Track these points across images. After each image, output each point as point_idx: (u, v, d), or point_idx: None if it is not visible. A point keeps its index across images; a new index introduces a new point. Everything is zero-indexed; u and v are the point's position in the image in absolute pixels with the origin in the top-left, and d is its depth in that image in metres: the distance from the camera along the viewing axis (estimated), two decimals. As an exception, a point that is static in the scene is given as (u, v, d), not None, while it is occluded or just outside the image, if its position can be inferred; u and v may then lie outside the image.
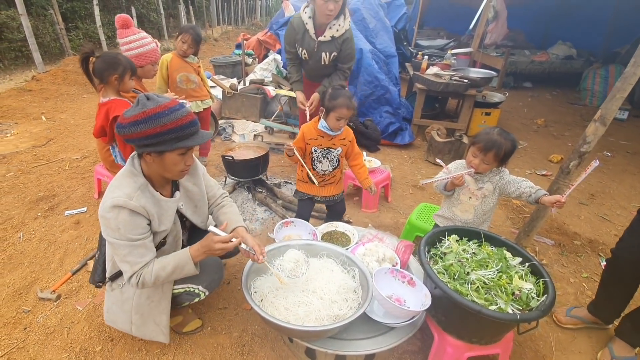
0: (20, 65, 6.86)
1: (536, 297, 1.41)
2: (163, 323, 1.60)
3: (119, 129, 1.28)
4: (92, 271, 1.67)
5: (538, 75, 7.39)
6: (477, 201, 1.83)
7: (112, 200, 1.29)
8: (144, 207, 1.33)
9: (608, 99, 2.02)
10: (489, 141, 1.67)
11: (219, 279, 1.73)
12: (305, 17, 2.61)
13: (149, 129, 1.24)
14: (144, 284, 1.37)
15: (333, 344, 1.48)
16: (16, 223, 2.52)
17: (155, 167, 1.37)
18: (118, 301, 1.57)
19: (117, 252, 1.35)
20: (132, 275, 1.35)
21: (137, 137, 1.26)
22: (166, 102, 1.29)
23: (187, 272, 1.42)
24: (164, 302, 1.58)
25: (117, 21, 2.32)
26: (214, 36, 12.32)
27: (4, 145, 3.71)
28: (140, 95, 1.30)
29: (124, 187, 1.33)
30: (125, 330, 1.62)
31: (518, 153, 4.36)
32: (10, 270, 2.12)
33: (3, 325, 1.79)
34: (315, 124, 2.08)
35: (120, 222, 1.30)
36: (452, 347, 1.52)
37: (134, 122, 1.24)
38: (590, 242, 2.72)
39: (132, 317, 1.57)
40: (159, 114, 1.25)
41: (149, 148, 1.30)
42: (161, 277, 1.37)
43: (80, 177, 3.15)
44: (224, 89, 4.48)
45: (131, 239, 1.32)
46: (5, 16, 6.69)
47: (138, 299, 1.54)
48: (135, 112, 1.25)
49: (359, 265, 1.67)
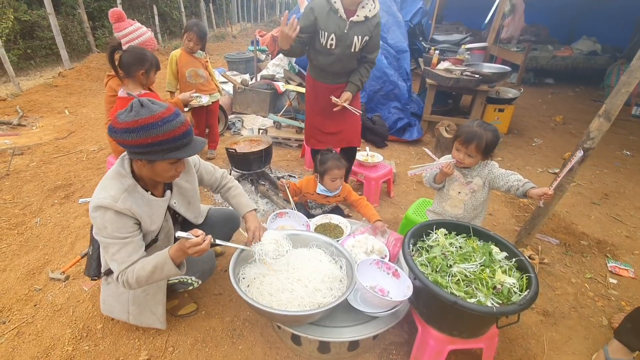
0: (50, 63, 7.26)
1: (518, 292, 1.39)
2: (159, 312, 1.69)
3: (112, 132, 1.24)
4: (86, 266, 1.69)
5: (560, 71, 7.10)
6: (466, 196, 1.82)
7: (97, 201, 1.30)
8: (129, 209, 1.33)
9: (613, 93, 1.94)
10: (469, 133, 1.66)
11: (210, 269, 1.79)
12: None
13: (140, 139, 1.20)
14: (128, 284, 1.35)
15: (316, 331, 1.52)
16: (34, 209, 2.70)
17: (145, 171, 1.37)
18: (114, 294, 1.64)
19: (107, 251, 1.34)
20: (118, 274, 1.35)
21: (127, 144, 1.23)
22: (160, 111, 1.23)
23: (167, 273, 1.36)
24: (160, 294, 1.66)
25: (112, 16, 2.43)
26: (232, 33, 12.54)
27: (30, 137, 3.95)
28: (135, 100, 1.25)
29: (110, 188, 1.33)
30: (123, 319, 1.70)
31: (531, 151, 4.23)
32: (26, 252, 2.28)
33: (16, 301, 1.93)
34: (314, 181, 2.18)
35: (107, 221, 1.30)
36: (434, 340, 1.53)
37: (126, 129, 1.20)
38: (598, 243, 2.62)
39: (129, 308, 1.65)
40: (151, 125, 1.20)
41: (139, 155, 1.28)
42: (142, 277, 1.34)
43: (96, 168, 3.32)
44: (234, 84, 4.58)
45: (119, 237, 1.32)
46: (36, 15, 7.09)
47: (134, 292, 1.59)
48: (128, 119, 1.20)
49: (345, 256, 1.70)
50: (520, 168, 3.81)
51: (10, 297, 1.95)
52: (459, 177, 1.82)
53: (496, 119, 4.45)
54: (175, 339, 1.77)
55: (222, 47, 10.35)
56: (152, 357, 1.68)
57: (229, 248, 2.25)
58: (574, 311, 2.05)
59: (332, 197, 2.19)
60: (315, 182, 2.17)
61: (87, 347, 1.71)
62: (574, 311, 2.05)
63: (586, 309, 2.07)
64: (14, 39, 6.64)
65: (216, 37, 11.87)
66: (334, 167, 2.04)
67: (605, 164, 3.93)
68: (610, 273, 2.35)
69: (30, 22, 6.96)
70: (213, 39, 11.53)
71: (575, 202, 3.19)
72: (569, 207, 3.08)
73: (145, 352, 1.69)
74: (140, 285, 1.37)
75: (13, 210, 2.66)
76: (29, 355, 1.66)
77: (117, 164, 1.40)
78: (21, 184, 3.00)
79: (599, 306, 2.09)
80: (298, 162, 3.75)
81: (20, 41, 6.78)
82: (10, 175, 3.11)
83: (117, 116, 1.25)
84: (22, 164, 3.32)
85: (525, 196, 1.65)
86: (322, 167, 2.08)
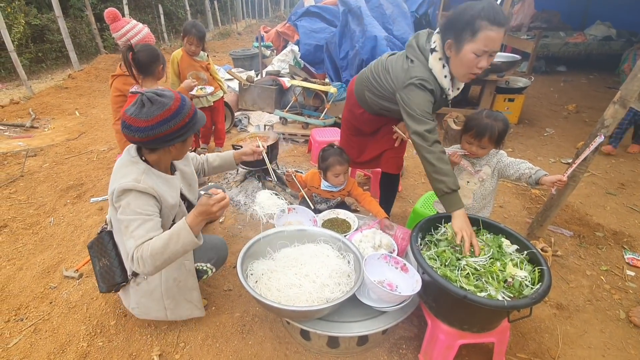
0: (60, 65, 7.39)
1: (530, 285, 1.36)
2: (195, 299, 1.71)
3: (141, 132, 1.29)
4: (103, 281, 1.64)
5: (573, 58, 6.90)
6: (475, 185, 1.79)
7: (121, 185, 1.33)
8: (151, 187, 1.38)
9: (629, 79, 1.88)
10: (480, 126, 1.63)
11: (224, 256, 1.86)
12: (447, 81, 1.64)
13: (179, 123, 1.33)
14: (142, 258, 1.28)
15: (325, 326, 1.52)
16: (48, 209, 2.76)
17: (161, 156, 1.45)
18: (146, 293, 1.61)
19: (127, 229, 1.33)
20: (134, 251, 1.29)
21: (166, 134, 1.32)
22: (172, 102, 1.33)
23: (184, 241, 1.30)
24: (191, 279, 1.66)
25: (108, 17, 2.45)
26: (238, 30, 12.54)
27: (42, 139, 4.03)
28: (142, 96, 1.32)
29: (129, 174, 1.38)
30: (160, 317, 1.69)
31: (542, 141, 4.13)
32: (41, 251, 2.34)
33: (33, 299, 1.98)
34: (320, 176, 2.16)
35: (131, 199, 1.34)
36: (444, 334, 1.51)
37: (163, 120, 1.29)
38: (614, 234, 2.55)
39: (164, 303, 1.63)
40: (169, 118, 1.31)
41: (162, 144, 1.36)
42: (157, 248, 1.27)
43: (106, 167, 3.37)
44: (240, 81, 4.58)
45: (141, 214, 1.34)
46: (46, 19, 7.20)
47: (166, 284, 1.59)
48: (159, 111, 1.29)
49: (353, 251, 1.69)
50: (531, 159, 3.72)
51: (27, 295, 2.00)
52: (468, 166, 1.79)
53: (506, 109, 4.35)
54: (186, 335, 1.79)
55: (228, 45, 10.36)
56: (164, 352, 1.70)
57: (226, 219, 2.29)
58: (590, 304, 2.01)
59: (336, 191, 2.17)
60: (320, 177, 2.17)
61: (101, 343, 1.75)
62: (590, 304, 2.01)
63: (602, 302, 2.02)
64: (26, 43, 6.76)
65: (221, 34, 11.88)
66: (336, 163, 2.01)
67: (621, 153, 3.81)
68: (627, 265, 2.29)
69: (40, 26, 7.08)
70: (218, 37, 11.55)
71: (590, 192, 3.11)
72: (583, 198, 3.00)
73: (157, 347, 1.72)
74: (155, 261, 1.28)
75: (28, 211, 2.72)
76: (46, 351, 1.70)
77: (126, 154, 1.46)
78: (35, 184, 3.07)
79: (615, 299, 2.04)
80: (305, 157, 3.74)
81: (32, 45, 6.91)
82: (24, 176, 3.19)
83: (130, 115, 1.31)
84: (36, 165, 3.39)
85: (537, 184, 1.63)
86: (324, 164, 2.05)
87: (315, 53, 5.54)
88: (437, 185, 1.58)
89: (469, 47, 1.47)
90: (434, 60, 1.60)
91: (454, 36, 1.51)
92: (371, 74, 1.87)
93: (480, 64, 1.50)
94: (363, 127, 2.16)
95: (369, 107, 1.99)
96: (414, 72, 1.62)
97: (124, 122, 1.33)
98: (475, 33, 1.44)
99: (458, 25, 1.47)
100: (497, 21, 1.42)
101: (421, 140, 1.60)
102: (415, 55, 1.65)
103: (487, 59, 1.50)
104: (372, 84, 1.86)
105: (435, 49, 1.60)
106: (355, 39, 4.51)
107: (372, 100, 1.92)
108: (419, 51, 1.65)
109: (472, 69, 1.53)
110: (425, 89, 1.60)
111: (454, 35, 1.50)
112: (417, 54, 1.65)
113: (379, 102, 1.89)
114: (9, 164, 3.40)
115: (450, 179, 1.55)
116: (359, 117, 2.09)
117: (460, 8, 1.49)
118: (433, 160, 1.57)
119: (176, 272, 1.61)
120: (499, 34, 1.43)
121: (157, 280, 1.59)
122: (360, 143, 2.24)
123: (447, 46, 1.55)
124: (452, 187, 1.54)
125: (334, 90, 3.95)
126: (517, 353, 1.72)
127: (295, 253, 1.74)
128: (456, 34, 1.49)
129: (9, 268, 2.19)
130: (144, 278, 1.59)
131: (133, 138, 1.34)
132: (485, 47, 1.45)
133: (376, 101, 1.90)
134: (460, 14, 1.47)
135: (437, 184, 1.57)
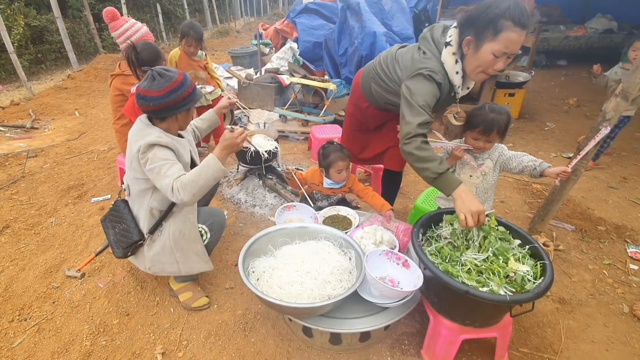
0: (60, 66, 7.37)
1: (532, 279, 1.36)
2: (201, 251, 1.83)
3: (154, 100, 1.51)
4: (118, 246, 1.77)
5: (574, 52, 6.86)
6: (477, 179, 1.79)
7: (146, 140, 1.52)
8: (171, 142, 1.59)
9: (631, 71, 1.86)
10: (487, 122, 1.63)
11: (220, 223, 1.99)
12: (458, 77, 1.59)
13: (184, 93, 1.56)
14: (181, 186, 1.48)
15: (327, 322, 1.52)
16: (49, 209, 2.76)
17: (170, 124, 1.64)
18: (159, 248, 1.75)
19: (160, 173, 1.52)
20: (172, 182, 1.49)
21: (175, 102, 1.55)
22: (177, 76, 1.56)
23: (214, 168, 1.52)
24: (194, 231, 1.79)
25: (106, 15, 2.44)
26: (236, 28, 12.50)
27: (43, 139, 4.04)
28: (152, 72, 1.53)
29: (151, 134, 1.57)
30: (174, 272, 1.81)
31: (543, 135, 4.12)
32: (43, 251, 2.34)
33: (36, 299, 1.99)
34: (320, 173, 2.15)
35: (156, 151, 1.54)
36: (446, 329, 1.51)
37: (172, 90, 1.52)
38: (616, 228, 2.55)
39: (175, 257, 1.76)
40: (177, 87, 1.54)
41: (173, 112, 1.57)
42: (193, 176, 1.49)
43: (106, 167, 3.37)
44: (239, 80, 4.57)
45: (168, 159, 1.55)
46: (45, 20, 7.19)
47: (173, 236, 1.73)
48: (168, 83, 1.51)
49: (354, 247, 1.69)
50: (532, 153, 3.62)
51: (30, 295, 2.01)
52: (470, 160, 1.79)
53: (506, 104, 4.33)
54: (188, 333, 1.80)
55: (226, 43, 10.32)
56: (167, 350, 1.71)
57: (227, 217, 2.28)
58: (592, 298, 2.00)
59: (338, 188, 2.17)
60: (321, 174, 2.16)
61: (104, 342, 1.75)
62: (592, 298, 2.00)
63: (605, 296, 2.02)
64: (25, 45, 6.75)
65: (220, 32, 11.84)
66: (338, 159, 2.02)
67: (623, 146, 3.79)
68: (630, 259, 2.28)
69: (39, 27, 7.06)
70: (217, 35, 11.51)
71: (591, 186, 3.09)
72: (585, 192, 2.99)
73: (160, 345, 1.72)
74: (192, 188, 1.48)
75: (29, 211, 2.72)
76: (50, 350, 1.71)
77: (139, 122, 1.64)
78: (36, 185, 3.07)
79: (618, 293, 2.04)
80: (305, 154, 3.74)
81: (31, 46, 6.90)
82: (25, 177, 3.19)
83: (144, 88, 1.52)
84: (37, 166, 3.39)
85: (542, 176, 1.62)
86: (326, 161, 2.05)
87: (314, 50, 5.52)
88: (423, 174, 1.51)
89: (488, 47, 1.40)
90: (447, 54, 1.54)
91: (474, 34, 1.43)
92: (379, 65, 1.82)
93: (497, 65, 1.44)
94: (368, 122, 2.12)
95: (374, 101, 1.95)
96: (424, 63, 1.55)
97: (138, 94, 1.53)
98: (497, 33, 1.36)
99: (480, 22, 1.40)
100: (522, 23, 1.34)
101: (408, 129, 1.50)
102: (428, 48, 1.59)
103: (504, 60, 1.43)
104: (380, 75, 1.81)
105: (450, 43, 1.53)
106: (354, 35, 4.49)
107: (378, 94, 1.88)
108: (433, 44, 1.59)
109: (487, 69, 1.47)
110: (433, 80, 1.52)
111: (475, 32, 1.43)
112: (431, 46, 1.59)
113: (385, 96, 1.85)
114: (10, 165, 3.40)
115: (433, 164, 1.46)
116: (364, 112, 2.04)
117: (484, 5, 1.40)
118: (414, 151, 1.49)
119: (182, 224, 1.74)
120: (520, 36, 1.35)
121: (166, 234, 1.73)
122: (363, 139, 2.21)
123: (466, 43, 1.47)
124: (439, 170, 1.46)
125: (333, 87, 3.94)
126: (519, 348, 1.72)
127: (297, 250, 1.74)
128: (477, 31, 1.42)
129: (12, 268, 2.19)
130: (159, 234, 1.74)
131: (147, 107, 1.55)
132: (506, 48, 1.37)
133: (382, 94, 1.86)
134: (484, 11, 1.38)
135: (423, 173, 1.50)
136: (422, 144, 1.49)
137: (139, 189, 1.67)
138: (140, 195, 1.69)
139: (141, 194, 1.68)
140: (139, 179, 1.63)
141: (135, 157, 1.55)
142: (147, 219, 1.71)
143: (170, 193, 1.50)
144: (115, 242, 1.79)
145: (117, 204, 1.82)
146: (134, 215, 1.76)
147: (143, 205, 1.71)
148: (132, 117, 2.36)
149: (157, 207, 1.70)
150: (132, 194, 1.73)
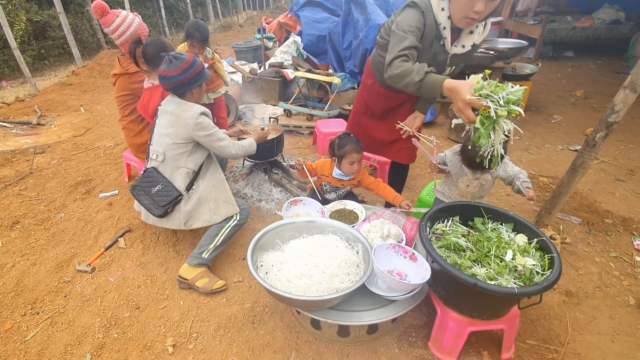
0: (63, 62, 7.37)
1: (540, 272, 1.37)
2: (230, 197, 2.12)
3: (173, 78, 1.83)
4: (156, 206, 1.98)
5: (581, 43, 6.76)
6: (474, 189, 1.84)
7: (197, 109, 1.89)
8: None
9: (639, 63, 1.84)
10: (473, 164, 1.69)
11: (247, 213, 2.21)
12: (443, 15, 1.62)
13: (196, 70, 1.88)
14: (241, 147, 2.10)
15: (335, 315, 1.54)
16: (58, 205, 2.79)
17: (188, 99, 1.95)
18: (196, 200, 2.01)
19: (219, 137, 1.96)
20: (232, 144, 2.03)
21: (191, 77, 1.86)
22: (189, 56, 1.87)
23: (254, 146, 2.20)
24: (224, 184, 2.13)
25: (96, 11, 2.35)
26: (239, 22, 12.42)
27: (49, 136, 4.06)
28: (167, 56, 1.84)
29: (194, 105, 1.92)
30: (207, 221, 2.04)
31: (550, 128, 4.09)
32: (53, 246, 2.38)
33: (47, 293, 2.03)
34: (331, 164, 2.16)
35: (205, 118, 1.91)
36: (454, 322, 1.52)
37: (187, 67, 1.84)
38: (623, 221, 2.54)
39: (208, 206, 2.03)
40: (192, 64, 1.86)
41: (194, 85, 1.90)
42: (246, 143, 2.15)
43: (113, 163, 3.40)
44: (243, 74, 4.55)
45: (214, 125, 1.95)
46: (47, 15, 7.18)
47: (206, 189, 2.03)
48: (182, 64, 1.83)
49: (362, 241, 1.70)
50: (539, 146, 3.69)
51: (42, 289, 2.04)
52: (468, 172, 1.80)
53: (513, 97, 4.29)
54: (198, 326, 1.83)
55: (229, 37, 10.27)
56: (177, 342, 1.74)
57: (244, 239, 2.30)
58: (599, 290, 2.01)
59: (347, 180, 2.17)
60: (331, 165, 2.16)
61: (116, 334, 1.79)
62: (599, 290, 2.01)
63: (611, 289, 2.02)
64: (28, 40, 6.76)
65: (222, 27, 11.77)
66: (353, 151, 2.03)
67: (630, 139, 3.76)
68: (636, 251, 2.28)
69: (41, 22, 7.05)
70: (220, 29, 11.45)
71: (599, 179, 3.08)
72: (592, 185, 2.98)
73: (171, 338, 1.75)
74: (244, 151, 2.14)
75: (39, 207, 2.76)
76: (63, 343, 1.74)
77: (171, 99, 1.96)
78: (44, 181, 3.10)
79: (625, 285, 2.04)
80: (310, 149, 3.74)
81: (34, 42, 6.90)
82: (33, 173, 3.22)
83: (164, 70, 1.84)
84: (44, 162, 3.42)
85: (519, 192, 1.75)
86: (341, 151, 2.06)
87: (318, 44, 5.47)
88: (409, 90, 1.56)
89: None
90: None
91: None
92: (383, 29, 1.89)
93: (477, 7, 1.48)
94: (373, 104, 2.14)
95: (379, 74, 1.95)
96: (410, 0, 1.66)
97: (160, 76, 1.86)
98: None
99: None
100: None
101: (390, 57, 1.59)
102: None
103: (483, 2, 1.47)
104: (382, 36, 1.87)
105: None
106: (359, 28, 4.44)
107: (380, 62, 1.90)
108: None
109: (467, 12, 1.53)
110: (416, 6, 1.63)
111: None
112: None
113: None
114: (18, 161, 3.43)
115: (412, 75, 1.50)
116: (370, 89, 2.09)
117: None
118: (393, 72, 1.57)
119: (213, 179, 2.08)
120: None
121: (201, 186, 2.03)
122: (367, 125, 2.23)
123: None
124: (417, 79, 1.49)
125: (338, 80, 3.92)
126: (526, 339, 1.74)
127: (304, 244, 1.75)
128: None
129: (23, 263, 2.23)
130: (194, 190, 2.02)
131: (169, 85, 1.87)
132: None
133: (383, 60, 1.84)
134: None
135: (407, 87, 1.54)
136: (400, 62, 1.56)
137: (174, 153, 1.94)
138: (176, 159, 1.95)
139: (177, 157, 1.95)
140: (179, 143, 1.91)
141: (188, 123, 1.86)
142: (183, 178, 1.97)
143: (229, 151, 2.01)
144: (153, 203, 1.99)
145: (149, 171, 2.02)
146: (167, 178, 1.99)
147: (179, 168, 1.97)
148: (144, 113, 2.37)
149: (191, 167, 1.98)
150: (167, 158, 1.97)
